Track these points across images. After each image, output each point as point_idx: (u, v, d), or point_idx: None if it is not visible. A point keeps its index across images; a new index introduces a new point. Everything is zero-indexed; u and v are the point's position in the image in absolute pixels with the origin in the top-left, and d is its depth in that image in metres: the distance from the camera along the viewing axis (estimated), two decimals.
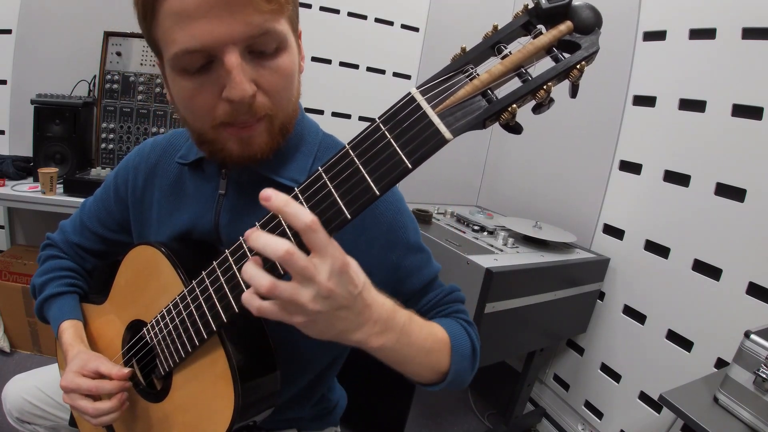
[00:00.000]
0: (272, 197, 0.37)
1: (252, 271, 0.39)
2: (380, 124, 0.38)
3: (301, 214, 0.37)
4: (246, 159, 0.54)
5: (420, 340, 0.52)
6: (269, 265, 0.41)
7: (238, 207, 0.61)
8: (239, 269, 0.46)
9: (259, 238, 0.38)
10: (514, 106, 0.36)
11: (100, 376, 0.60)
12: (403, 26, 1.99)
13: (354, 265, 0.41)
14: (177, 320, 0.54)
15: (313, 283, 0.38)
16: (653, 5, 1.47)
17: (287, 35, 0.50)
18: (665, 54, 1.43)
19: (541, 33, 0.36)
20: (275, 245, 0.37)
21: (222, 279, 0.48)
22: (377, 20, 1.95)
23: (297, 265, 0.37)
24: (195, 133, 0.55)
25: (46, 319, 0.74)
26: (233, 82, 0.46)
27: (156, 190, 0.69)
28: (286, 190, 0.48)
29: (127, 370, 0.61)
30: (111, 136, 1.65)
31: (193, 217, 0.64)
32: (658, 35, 1.45)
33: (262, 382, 0.55)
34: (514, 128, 0.37)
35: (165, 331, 0.57)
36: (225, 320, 0.48)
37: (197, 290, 0.51)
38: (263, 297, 0.40)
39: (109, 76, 1.61)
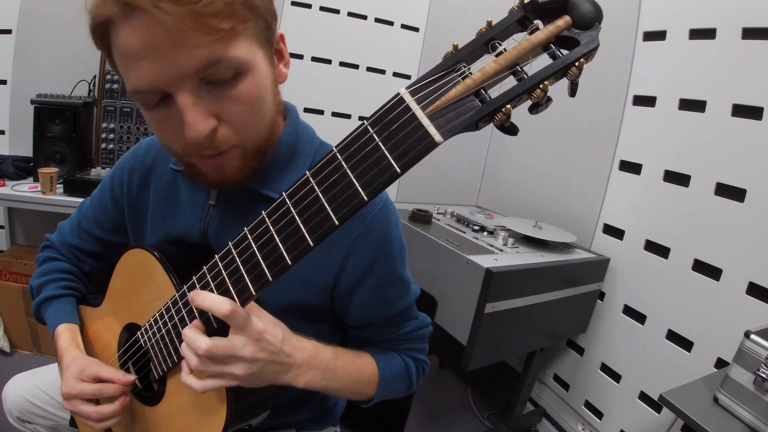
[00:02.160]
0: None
1: (191, 334, 0.48)
2: (368, 127, 0.36)
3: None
4: (222, 184, 0.54)
5: (347, 375, 0.60)
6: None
7: (226, 218, 0.61)
8: (229, 274, 0.46)
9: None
10: (509, 106, 0.34)
11: (100, 381, 0.60)
12: (403, 26, 1.99)
13: (270, 328, 0.50)
14: (169, 324, 0.54)
15: (240, 357, 0.48)
16: (653, 5, 1.47)
17: (246, 58, 0.46)
18: (665, 54, 1.43)
19: (537, 29, 0.34)
20: (200, 342, 0.47)
21: (212, 284, 0.47)
22: (377, 20, 1.95)
23: (219, 353, 0.47)
24: (170, 153, 0.55)
25: (43, 322, 0.74)
26: (187, 123, 0.45)
27: (151, 193, 0.69)
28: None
29: (132, 377, 0.61)
30: (111, 136, 1.65)
31: (185, 225, 0.63)
32: (658, 35, 1.45)
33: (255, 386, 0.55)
34: (509, 129, 0.35)
35: (158, 335, 0.56)
36: (215, 325, 0.48)
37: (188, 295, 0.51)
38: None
39: (109, 76, 1.61)
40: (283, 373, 0.52)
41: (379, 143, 0.35)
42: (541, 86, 0.33)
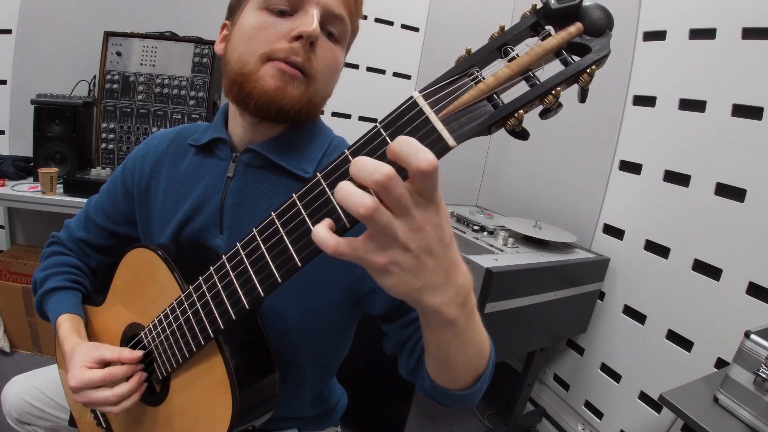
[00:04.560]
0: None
1: (350, 188, 0.32)
2: (381, 129, 0.35)
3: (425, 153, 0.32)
4: (274, 98, 0.55)
5: (479, 327, 0.46)
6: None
7: (244, 190, 0.63)
8: (236, 276, 0.45)
9: (358, 161, 0.33)
10: (521, 111, 0.34)
11: (106, 364, 0.59)
12: (403, 26, 1.99)
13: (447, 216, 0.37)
14: (174, 325, 0.54)
15: (408, 214, 0.34)
16: (653, 5, 1.47)
17: (345, 40, 0.60)
18: (665, 54, 1.43)
19: (549, 35, 0.34)
20: (379, 167, 0.31)
21: (219, 285, 0.47)
22: (377, 20, 1.95)
23: (396, 191, 0.32)
24: (238, 65, 0.57)
25: (45, 315, 0.73)
26: (310, 21, 0.54)
27: (163, 177, 0.69)
28: (294, 177, 0.52)
29: (139, 353, 0.59)
30: (111, 136, 1.65)
31: (199, 199, 0.64)
32: (658, 35, 1.45)
33: (260, 387, 0.55)
34: (521, 134, 0.35)
35: (162, 336, 0.56)
36: (222, 326, 0.48)
37: (194, 296, 0.51)
38: (339, 235, 0.35)
39: (109, 76, 1.61)
40: (438, 286, 0.37)
41: None
42: (553, 92, 0.33)
